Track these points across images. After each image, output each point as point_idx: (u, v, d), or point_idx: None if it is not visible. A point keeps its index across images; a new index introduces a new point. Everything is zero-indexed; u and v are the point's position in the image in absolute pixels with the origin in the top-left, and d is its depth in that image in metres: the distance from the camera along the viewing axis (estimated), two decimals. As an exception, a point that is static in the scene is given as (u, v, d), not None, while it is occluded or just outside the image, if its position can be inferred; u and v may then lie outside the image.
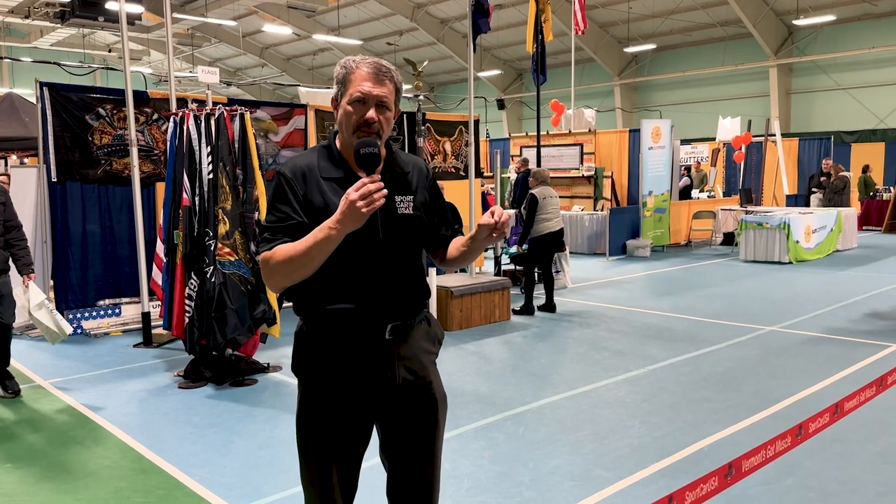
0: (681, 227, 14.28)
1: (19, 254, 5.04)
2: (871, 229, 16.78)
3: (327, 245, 1.87)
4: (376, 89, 1.99)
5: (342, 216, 1.83)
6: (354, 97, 1.99)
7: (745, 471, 1.52)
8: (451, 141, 9.89)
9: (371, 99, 1.98)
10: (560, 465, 3.89)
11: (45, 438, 4.39)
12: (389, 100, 2.02)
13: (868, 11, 22.25)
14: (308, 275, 1.94)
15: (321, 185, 2.01)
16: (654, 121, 13.19)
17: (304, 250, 1.88)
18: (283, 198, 2.00)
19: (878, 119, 22.82)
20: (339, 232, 1.85)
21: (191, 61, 33.66)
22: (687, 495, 1.37)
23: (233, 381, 5.48)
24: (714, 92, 26.61)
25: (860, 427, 4.32)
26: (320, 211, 1.96)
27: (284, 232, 1.96)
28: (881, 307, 7.96)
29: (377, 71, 2.00)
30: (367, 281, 2.01)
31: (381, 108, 2.00)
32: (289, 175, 2.02)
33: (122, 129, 7.26)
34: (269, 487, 3.65)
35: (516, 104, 32.52)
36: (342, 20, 29.50)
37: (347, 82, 2.02)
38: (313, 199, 1.99)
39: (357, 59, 2.04)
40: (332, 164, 2.05)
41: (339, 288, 2.01)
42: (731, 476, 1.49)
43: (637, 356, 6.13)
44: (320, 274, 1.96)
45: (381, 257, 2.02)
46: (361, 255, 1.99)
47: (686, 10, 24.67)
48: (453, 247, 2.21)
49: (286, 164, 2.07)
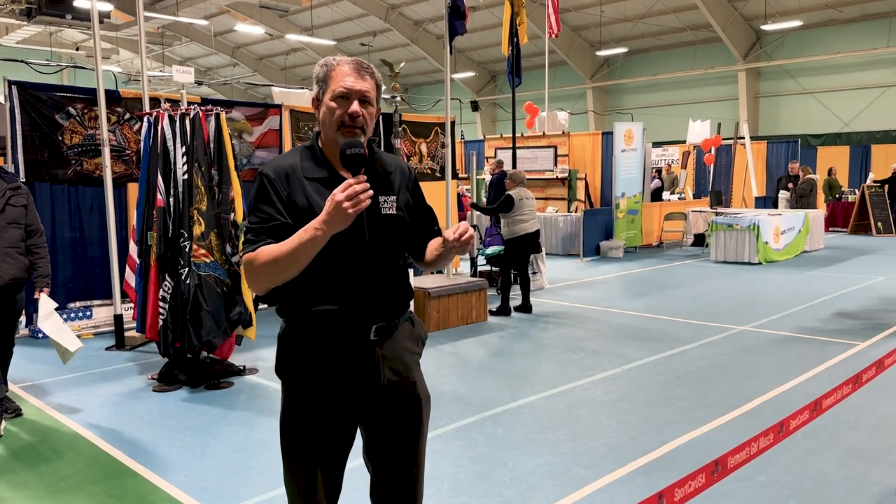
0: (652, 228, 14.45)
1: (39, 262, 4.62)
2: (838, 230, 17.15)
3: (313, 246, 1.86)
4: (358, 84, 2.00)
5: (328, 217, 1.83)
6: (337, 93, 1.99)
7: (730, 467, 1.55)
8: (427, 142, 9.90)
9: (354, 94, 1.99)
10: (539, 464, 3.91)
11: (16, 443, 4.30)
12: (371, 95, 2.03)
13: (833, 17, 22.75)
14: (293, 276, 1.93)
15: (304, 186, 2.00)
16: (627, 123, 13.33)
17: (289, 251, 1.87)
18: (266, 198, 1.99)
19: (843, 123, 23.33)
20: (324, 233, 1.84)
21: (161, 60, 33.23)
22: (676, 492, 1.40)
23: (208, 384, 5.43)
24: (684, 95, 26.99)
25: (830, 424, 4.41)
26: (304, 211, 1.95)
27: (268, 233, 1.95)
28: (848, 307, 8.14)
29: (358, 67, 2.02)
30: (352, 282, 2.01)
31: (364, 103, 2.01)
32: (272, 175, 2.01)
33: (93, 129, 7.14)
34: (247, 491, 3.62)
35: (490, 106, 32.64)
36: (315, 20, 29.35)
37: (329, 79, 2.02)
38: (297, 199, 1.99)
39: (337, 58, 2.06)
40: (315, 164, 2.04)
41: (324, 289, 2.00)
42: (718, 473, 1.52)
43: (613, 356, 6.19)
44: (305, 275, 1.95)
45: (366, 258, 2.02)
46: (347, 256, 1.99)
47: (657, 14, 25.00)
48: (429, 248, 2.22)
49: (269, 164, 2.06)
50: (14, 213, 4.50)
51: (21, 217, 4.53)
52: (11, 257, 4.44)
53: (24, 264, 4.52)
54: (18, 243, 4.50)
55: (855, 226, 16.51)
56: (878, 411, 4.67)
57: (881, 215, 16.15)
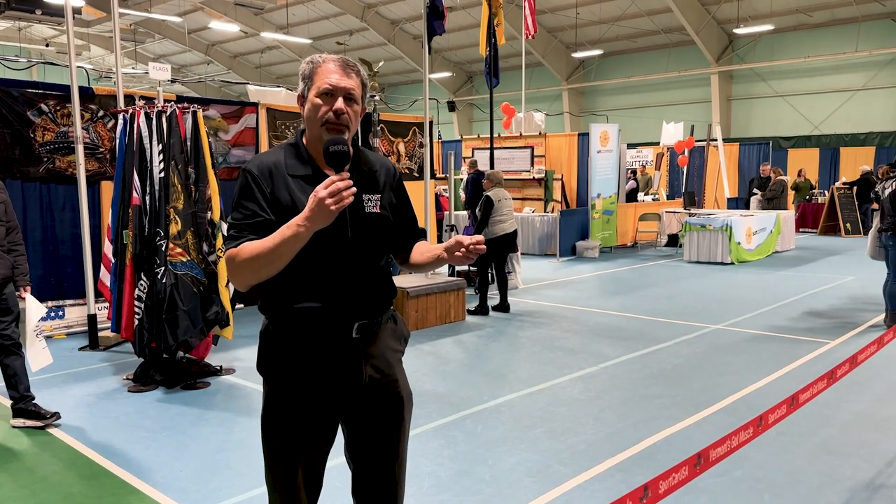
0: (627, 228, 14.60)
1: (19, 260, 4.46)
2: (808, 231, 17.47)
3: (295, 243, 1.86)
4: (343, 81, 2.00)
5: (311, 214, 1.83)
6: (322, 89, 1.99)
7: (712, 460, 1.59)
8: (405, 142, 9.90)
9: (339, 91, 1.99)
10: (518, 462, 3.94)
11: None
12: (357, 93, 2.03)
13: (804, 22, 23.17)
14: (275, 272, 1.93)
15: (288, 183, 2.00)
16: (603, 125, 13.46)
17: (272, 248, 1.87)
18: (249, 195, 1.99)
19: (813, 125, 23.77)
20: (307, 229, 1.84)
21: (133, 57, 32.78)
22: (660, 484, 1.43)
23: (184, 385, 5.38)
24: (658, 97, 27.29)
25: (803, 420, 4.50)
26: (287, 208, 1.95)
27: (251, 229, 1.95)
28: (819, 306, 8.30)
29: (344, 64, 2.02)
30: (334, 279, 2.01)
31: (349, 100, 2.01)
32: (255, 172, 2.00)
33: (66, 126, 7.03)
34: (226, 491, 3.60)
35: (467, 106, 32.70)
36: (291, 18, 29.17)
37: (314, 76, 2.02)
38: (280, 196, 1.98)
39: (324, 55, 2.06)
40: (299, 161, 2.04)
41: (306, 286, 2.00)
42: (700, 465, 1.55)
43: (589, 354, 6.25)
44: (287, 272, 1.95)
45: (349, 256, 2.02)
46: (329, 253, 1.99)
47: (631, 16, 25.24)
48: (417, 251, 2.22)
49: (253, 160, 2.06)
50: None
51: (2, 214, 4.39)
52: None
53: (9, 262, 4.39)
54: (3, 241, 4.37)
55: (824, 227, 16.84)
56: (850, 407, 4.77)
57: (850, 216, 16.48)
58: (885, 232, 7.04)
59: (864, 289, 9.38)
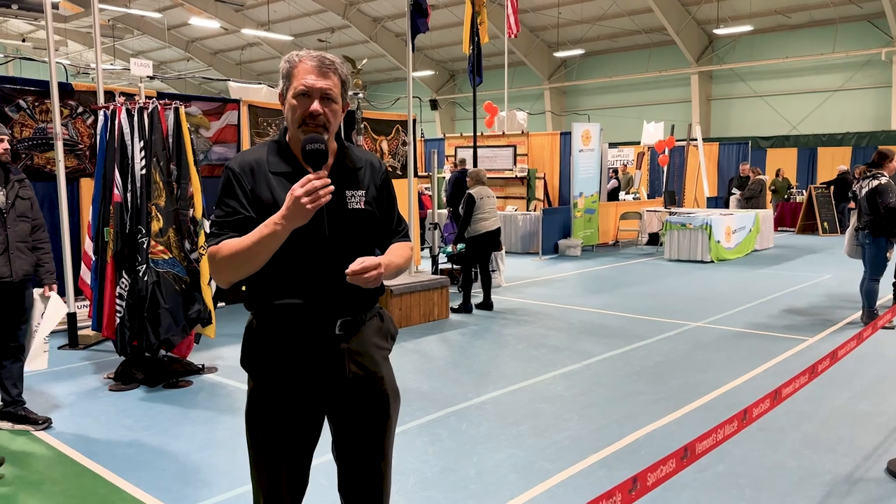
0: (609, 227, 14.70)
1: (44, 258, 4.41)
2: (786, 230, 17.69)
3: (273, 241, 1.86)
4: (320, 82, 1.98)
5: (287, 212, 1.83)
6: (298, 90, 1.98)
7: (698, 453, 1.61)
8: (388, 140, 9.89)
9: (315, 91, 1.97)
10: (503, 458, 3.96)
11: (-34, 445, 4.17)
12: (335, 92, 2.01)
13: (782, 23, 23.44)
14: (255, 270, 1.93)
15: (269, 180, 1.99)
16: (585, 124, 13.53)
17: (250, 245, 1.88)
18: (230, 192, 1.99)
19: (791, 125, 24.06)
20: (284, 228, 1.85)
21: (112, 53, 32.41)
22: (648, 476, 1.45)
23: (166, 383, 5.34)
24: (639, 97, 27.48)
25: (782, 416, 4.57)
26: (268, 206, 1.95)
27: (232, 227, 1.95)
28: (797, 303, 8.41)
29: (321, 64, 2.00)
30: (315, 276, 2.00)
31: (327, 100, 1.99)
32: (237, 170, 2.00)
33: (45, 122, 6.94)
34: (210, 489, 3.58)
35: (449, 105, 32.72)
36: (272, 15, 29.02)
37: (292, 76, 2.01)
38: (261, 193, 1.98)
39: (301, 53, 2.03)
40: (280, 158, 2.04)
41: (288, 283, 2.00)
42: (687, 458, 1.58)
43: (573, 352, 6.29)
44: (269, 269, 1.95)
45: (329, 253, 2.01)
46: (308, 250, 1.99)
47: (613, 16, 25.39)
48: (390, 251, 2.19)
49: (235, 158, 2.05)
50: (23, 206, 4.30)
51: (28, 210, 4.34)
52: (23, 252, 4.25)
53: (33, 260, 4.35)
54: (27, 238, 4.31)
55: (802, 226, 17.06)
56: (829, 402, 4.85)
57: (827, 215, 16.71)
58: (861, 230, 7.15)
59: (841, 287, 9.52)
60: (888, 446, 4.08)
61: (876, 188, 6.97)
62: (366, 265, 1.89)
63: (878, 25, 21.77)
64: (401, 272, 2.18)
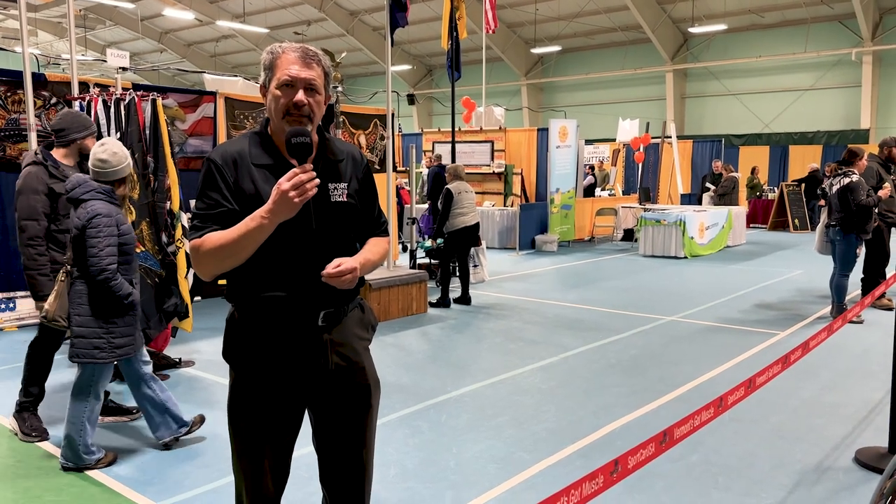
0: (585, 223, 14.83)
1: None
2: (758, 227, 17.98)
3: (259, 234, 1.87)
4: (304, 72, 1.98)
5: (274, 206, 1.84)
6: (282, 81, 1.97)
7: (676, 438, 1.67)
8: (366, 134, 9.88)
9: (299, 82, 1.97)
10: (483, 449, 4.00)
11: (-62, 440, 4.12)
12: (318, 83, 2.01)
13: (756, 22, 23.78)
14: (239, 263, 1.94)
15: (252, 172, 1.99)
16: (562, 121, 13.62)
17: (236, 239, 1.88)
18: (213, 185, 1.98)
19: (764, 124, 24.45)
20: (270, 221, 1.85)
21: (83, 44, 31.86)
22: (629, 459, 1.49)
23: (143, 377, 5.29)
24: (615, 94, 27.72)
25: (754, 407, 4.67)
26: (251, 198, 1.95)
27: (214, 219, 1.95)
28: (768, 298, 8.57)
29: (304, 55, 2.00)
30: (300, 269, 2.01)
31: (311, 91, 1.99)
32: (219, 162, 1.99)
33: (17, 113, 6.84)
34: (191, 481, 3.57)
35: (427, 100, 32.70)
36: (247, 7, 28.74)
37: (275, 67, 2.00)
38: (244, 186, 1.98)
39: (284, 45, 2.04)
40: (263, 150, 2.03)
41: (272, 276, 2.00)
42: (666, 443, 1.63)
43: (550, 345, 6.36)
44: (253, 261, 1.96)
45: (314, 245, 2.02)
46: (294, 243, 2.00)
47: (589, 13, 25.57)
48: (367, 246, 2.20)
49: (217, 150, 2.04)
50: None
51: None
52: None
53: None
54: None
55: (774, 222, 17.35)
56: (799, 394, 4.97)
57: (798, 213, 17.02)
58: (832, 227, 7.32)
59: (811, 282, 9.72)
60: (856, 436, 4.20)
61: (847, 185, 7.12)
62: (342, 269, 1.91)
63: (849, 26, 22.19)
64: (376, 268, 2.20)
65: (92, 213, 3.59)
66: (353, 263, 1.94)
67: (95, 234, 3.57)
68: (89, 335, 3.67)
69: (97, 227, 3.58)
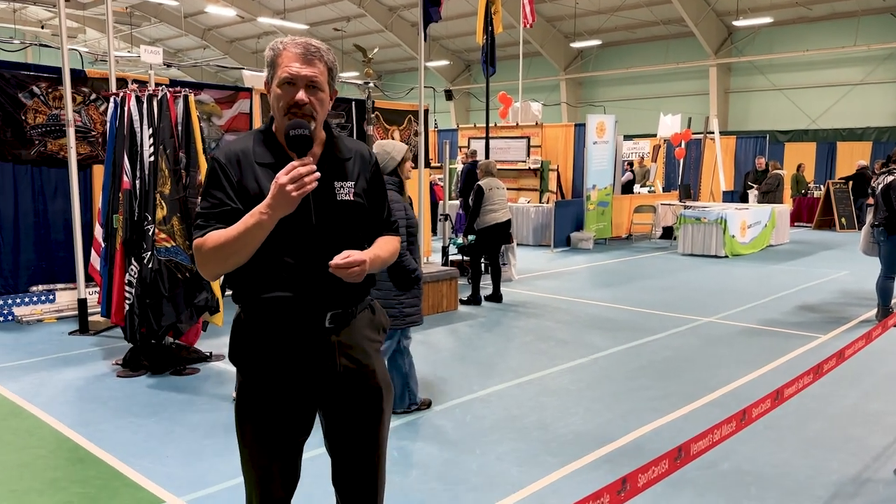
0: (622, 220, 14.59)
1: None
2: (803, 226, 17.49)
3: (259, 231, 1.83)
4: (305, 69, 1.93)
5: (272, 200, 1.79)
6: (283, 79, 1.93)
7: (693, 454, 1.57)
8: (400, 130, 9.85)
9: (300, 80, 1.92)
10: (507, 451, 3.94)
11: (-26, 429, 4.21)
12: (321, 80, 1.95)
13: (803, 15, 23.09)
14: (242, 262, 1.90)
15: (255, 171, 1.95)
16: (599, 116, 13.41)
17: (236, 236, 1.84)
18: (216, 183, 1.94)
19: (811, 119, 23.75)
20: (270, 217, 1.81)
21: (129, 41, 32.56)
22: (639, 477, 1.41)
23: (173, 370, 5.36)
24: (656, 89, 27.22)
25: (791, 414, 4.51)
26: (255, 197, 1.90)
27: (218, 218, 1.91)
28: (811, 300, 8.31)
29: (305, 51, 1.94)
30: (304, 268, 1.96)
31: (312, 88, 1.94)
32: (222, 160, 1.96)
33: (58, 109, 6.98)
34: (214, 477, 3.59)
35: (464, 95, 32.57)
36: (288, 3, 28.98)
37: (276, 65, 1.96)
38: (247, 184, 1.94)
39: (286, 41, 1.98)
40: (266, 148, 1.99)
41: (276, 275, 1.96)
42: (681, 459, 1.54)
43: (581, 345, 6.25)
44: (256, 261, 1.92)
45: (317, 244, 1.96)
46: (295, 241, 1.95)
47: (631, 7, 25.13)
48: (376, 245, 2.12)
49: (221, 149, 2.02)
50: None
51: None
52: None
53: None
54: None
55: (819, 221, 16.85)
56: (839, 401, 4.78)
57: (845, 211, 16.50)
58: (877, 227, 7.04)
59: (857, 283, 9.40)
60: (898, 447, 4.02)
61: (890, 184, 6.85)
62: (350, 260, 1.85)
63: (902, 18, 21.39)
64: (385, 266, 2.14)
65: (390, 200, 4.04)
66: (363, 257, 1.88)
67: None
68: (385, 307, 4.12)
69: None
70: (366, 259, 1.89)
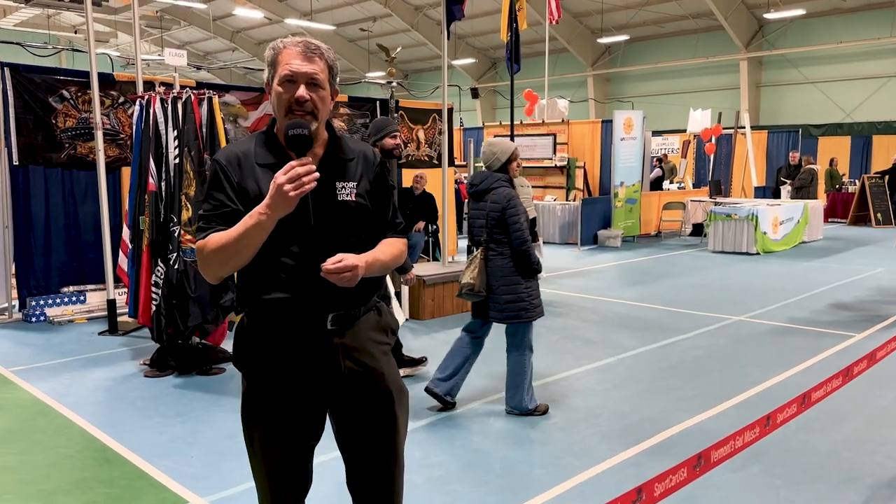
0: (651, 217, 14.40)
1: None
2: (837, 221, 17.10)
3: (259, 231, 1.81)
4: (305, 66, 1.91)
5: (271, 200, 1.78)
6: (284, 76, 1.92)
7: (713, 461, 1.51)
8: (425, 129, 9.83)
9: (301, 77, 1.91)
10: (530, 453, 3.89)
11: (5, 428, 4.28)
12: (321, 77, 1.94)
13: (837, 6, 22.59)
14: (243, 263, 1.89)
15: (256, 172, 1.94)
16: (627, 112, 13.25)
17: (236, 237, 1.83)
18: (217, 185, 1.94)
19: (845, 113, 23.23)
20: (269, 217, 1.79)
21: (160, 44, 33.02)
22: (656, 486, 1.36)
23: (199, 370, 5.40)
24: (685, 84, 26.85)
25: (823, 415, 4.39)
26: (255, 198, 1.89)
27: (219, 220, 1.90)
28: (845, 298, 8.11)
29: (305, 49, 1.94)
30: (303, 269, 1.93)
31: (313, 86, 1.93)
32: (223, 162, 1.95)
33: (87, 112, 7.08)
34: (237, 477, 3.60)
35: (490, 93, 32.48)
36: (315, 5, 29.15)
37: (277, 63, 1.95)
38: (248, 186, 1.93)
39: (286, 40, 1.98)
40: (267, 150, 1.98)
41: (275, 277, 1.94)
42: (700, 467, 1.48)
43: (607, 345, 6.17)
44: (256, 263, 1.90)
45: (316, 244, 1.93)
46: (294, 242, 1.92)
47: (658, 1, 24.82)
48: (380, 247, 2.07)
49: (222, 150, 2.01)
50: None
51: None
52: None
53: None
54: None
55: (854, 217, 16.47)
56: (874, 402, 4.65)
57: (881, 206, 16.10)
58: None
59: (894, 280, 9.15)
60: (937, 450, 3.89)
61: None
62: (340, 265, 1.82)
63: (940, 7, 20.82)
64: (388, 270, 2.08)
65: (507, 195, 4.28)
66: (355, 261, 1.85)
67: (515, 213, 4.26)
68: (516, 300, 4.29)
69: (515, 207, 4.27)
70: (358, 264, 1.85)
